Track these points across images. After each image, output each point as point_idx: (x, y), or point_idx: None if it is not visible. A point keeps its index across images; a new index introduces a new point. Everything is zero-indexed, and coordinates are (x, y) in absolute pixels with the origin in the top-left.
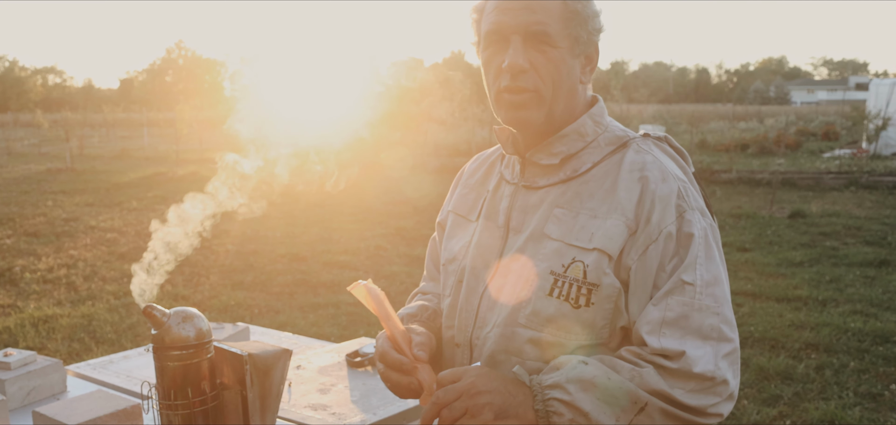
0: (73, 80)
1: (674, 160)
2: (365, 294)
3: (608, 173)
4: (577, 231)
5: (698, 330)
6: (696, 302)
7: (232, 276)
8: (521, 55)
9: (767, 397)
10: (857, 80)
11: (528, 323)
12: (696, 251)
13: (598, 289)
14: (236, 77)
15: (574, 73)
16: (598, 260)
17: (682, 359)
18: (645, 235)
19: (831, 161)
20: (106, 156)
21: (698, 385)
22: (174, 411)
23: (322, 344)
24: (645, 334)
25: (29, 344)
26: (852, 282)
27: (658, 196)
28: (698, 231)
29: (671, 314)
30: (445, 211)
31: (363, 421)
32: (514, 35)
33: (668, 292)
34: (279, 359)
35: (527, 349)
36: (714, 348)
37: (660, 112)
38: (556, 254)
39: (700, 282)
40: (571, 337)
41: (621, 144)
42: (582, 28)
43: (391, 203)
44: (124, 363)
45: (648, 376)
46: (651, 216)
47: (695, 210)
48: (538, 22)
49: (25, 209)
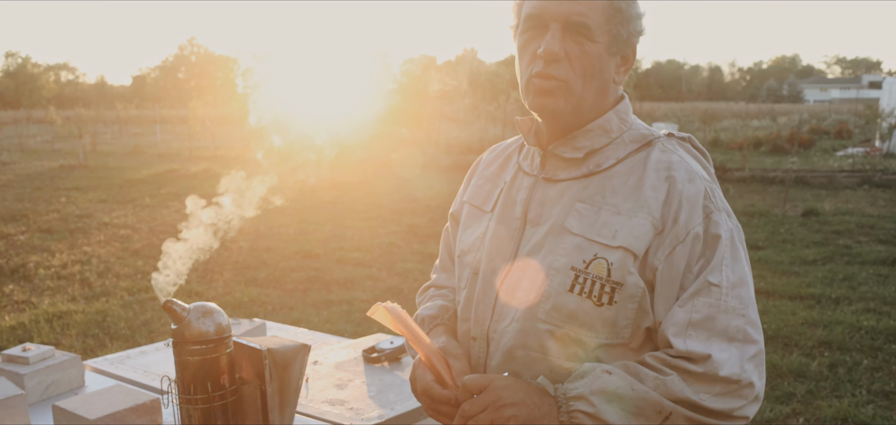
0: (85, 77)
1: (697, 161)
2: (386, 316)
3: (633, 170)
4: (599, 227)
5: (724, 331)
6: (723, 303)
7: (245, 273)
8: (558, 43)
9: (780, 395)
10: (871, 79)
11: (548, 318)
12: (723, 252)
13: (622, 288)
14: (249, 74)
15: (608, 70)
16: (623, 258)
17: (707, 363)
18: (672, 236)
19: (844, 159)
20: (119, 152)
21: (724, 388)
22: (194, 405)
23: (338, 340)
24: (671, 336)
25: (44, 339)
26: (865, 280)
27: (686, 196)
28: (725, 232)
29: (697, 315)
30: (459, 201)
31: (381, 416)
32: (553, 22)
33: (694, 293)
34: (298, 355)
35: (547, 344)
36: (740, 350)
37: (672, 110)
38: (577, 249)
39: (726, 283)
40: (592, 335)
41: (646, 143)
42: (623, 27)
43: (403, 200)
44: (141, 358)
45: (673, 384)
46: (679, 216)
47: (722, 211)
48: (580, 13)
49: (39, 205)
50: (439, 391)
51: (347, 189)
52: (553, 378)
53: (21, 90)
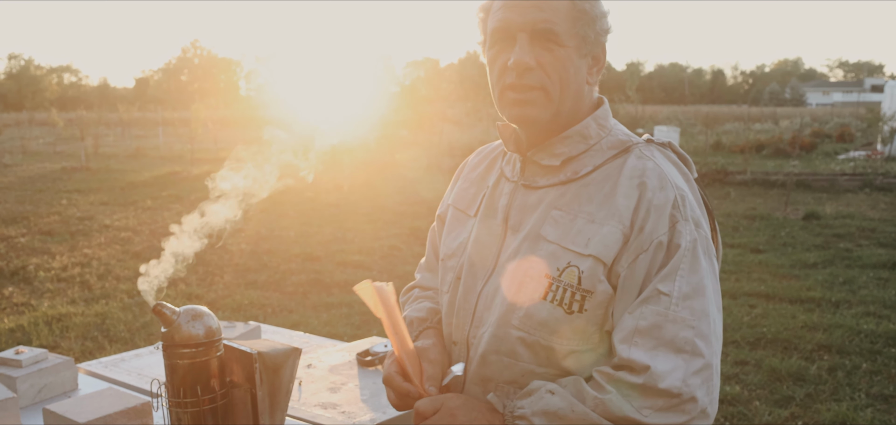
0: (88, 79)
1: (676, 167)
2: (372, 294)
3: (608, 177)
4: (573, 235)
5: (671, 341)
6: (671, 313)
7: (246, 275)
8: (528, 53)
9: (779, 398)
10: (873, 82)
11: (521, 325)
12: (679, 262)
13: (592, 296)
14: (251, 76)
15: (581, 73)
16: (594, 266)
17: (646, 374)
18: (637, 244)
19: (846, 163)
20: (121, 155)
21: (665, 402)
22: (184, 409)
23: (333, 344)
24: (617, 342)
25: (42, 342)
26: (866, 283)
27: (654, 204)
28: (686, 242)
29: (644, 323)
30: (445, 203)
31: (373, 419)
32: (520, 32)
33: (643, 301)
34: (288, 358)
35: (518, 350)
36: (686, 363)
37: (675, 113)
38: (551, 256)
39: (677, 293)
40: (563, 342)
41: (624, 149)
42: (589, 28)
43: (405, 203)
44: (136, 361)
45: (612, 403)
46: (645, 225)
47: (688, 221)
48: (545, 20)
49: (40, 207)
50: (400, 382)
51: (349, 191)
52: (524, 383)
53: (24, 92)
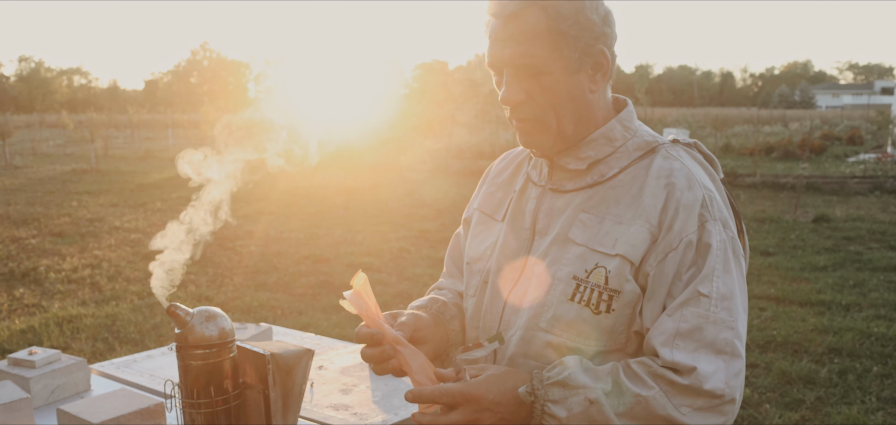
0: (98, 81)
1: (702, 167)
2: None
3: (635, 179)
4: (601, 236)
5: (712, 343)
6: (711, 314)
7: (255, 277)
8: (515, 88)
9: (790, 401)
10: (883, 85)
11: (549, 327)
12: (714, 263)
13: (620, 296)
14: (261, 78)
15: (578, 87)
16: (621, 266)
17: (692, 375)
18: (665, 242)
19: (856, 165)
20: (130, 156)
21: (706, 402)
22: (197, 410)
23: (344, 346)
24: (658, 345)
25: (53, 343)
26: (876, 286)
27: (683, 204)
28: (717, 242)
29: (685, 325)
30: (471, 208)
31: (385, 421)
32: (505, 68)
33: (683, 303)
34: (301, 359)
35: (546, 353)
36: (726, 364)
37: (684, 115)
38: (579, 259)
39: (716, 294)
40: (591, 343)
41: (650, 150)
42: (574, 46)
43: (414, 205)
44: (148, 362)
45: (654, 402)
46: (674, 224)
47: (717, 221)
48: (523, 54)
49: (50, 209)
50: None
51: (358, 193)
52: None
53: (34, 94)
